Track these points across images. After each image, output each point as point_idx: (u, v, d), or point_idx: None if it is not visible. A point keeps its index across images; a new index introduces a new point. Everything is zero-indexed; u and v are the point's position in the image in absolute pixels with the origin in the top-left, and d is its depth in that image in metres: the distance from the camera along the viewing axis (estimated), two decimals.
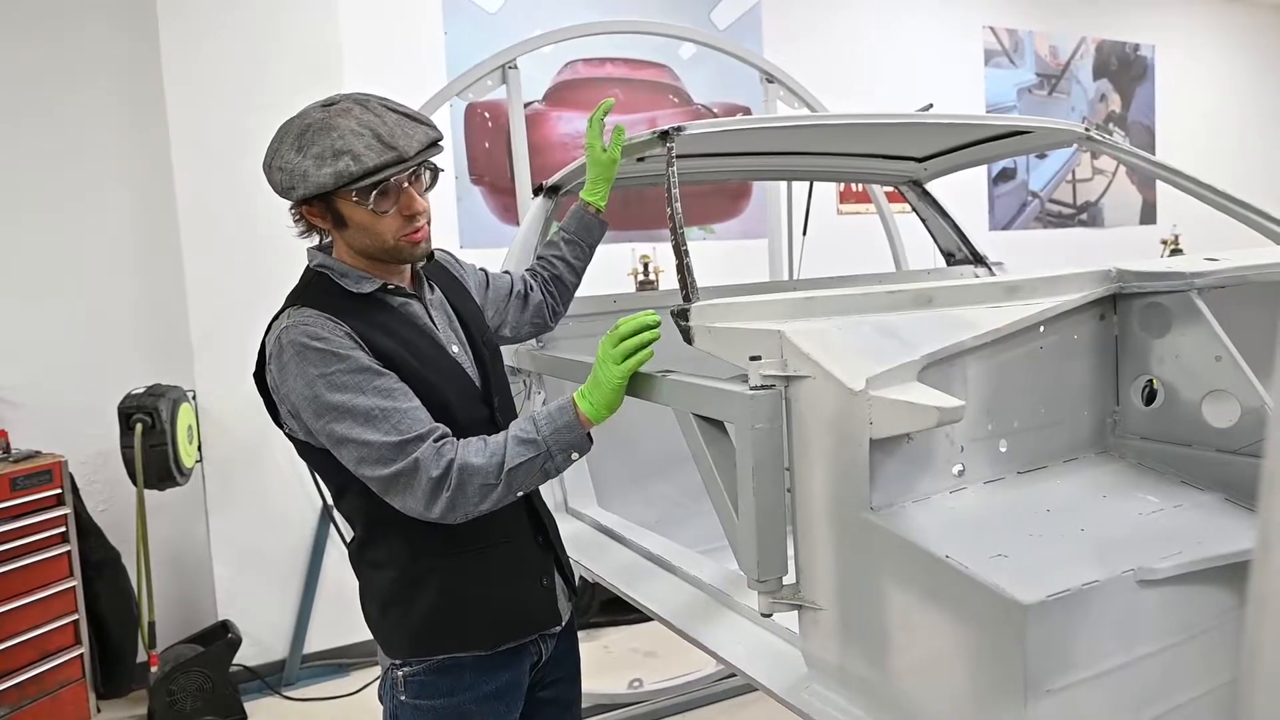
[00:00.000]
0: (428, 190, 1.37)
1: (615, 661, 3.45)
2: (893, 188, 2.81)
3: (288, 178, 1.27)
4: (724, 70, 4.36)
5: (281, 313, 1.34)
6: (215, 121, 3.21)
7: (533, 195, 2.33)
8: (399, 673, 1.41)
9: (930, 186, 2.71)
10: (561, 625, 1.53)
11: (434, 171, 1.37)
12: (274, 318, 1.35)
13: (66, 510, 2.92)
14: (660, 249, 4.18)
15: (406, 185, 1.32)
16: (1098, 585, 0.97)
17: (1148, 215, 6.45)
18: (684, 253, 1.47)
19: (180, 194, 3.21)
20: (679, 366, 1.38)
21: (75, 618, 2.94)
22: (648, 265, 4.17)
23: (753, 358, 1.18)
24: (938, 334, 1.17)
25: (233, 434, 3.29)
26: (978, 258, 2.71)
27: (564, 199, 2.26)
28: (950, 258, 2.77)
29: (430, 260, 1.50)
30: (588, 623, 3.68)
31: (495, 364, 1.52)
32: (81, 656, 2.95)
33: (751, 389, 1.17)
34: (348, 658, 3.49)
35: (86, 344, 3.33)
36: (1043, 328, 1.26)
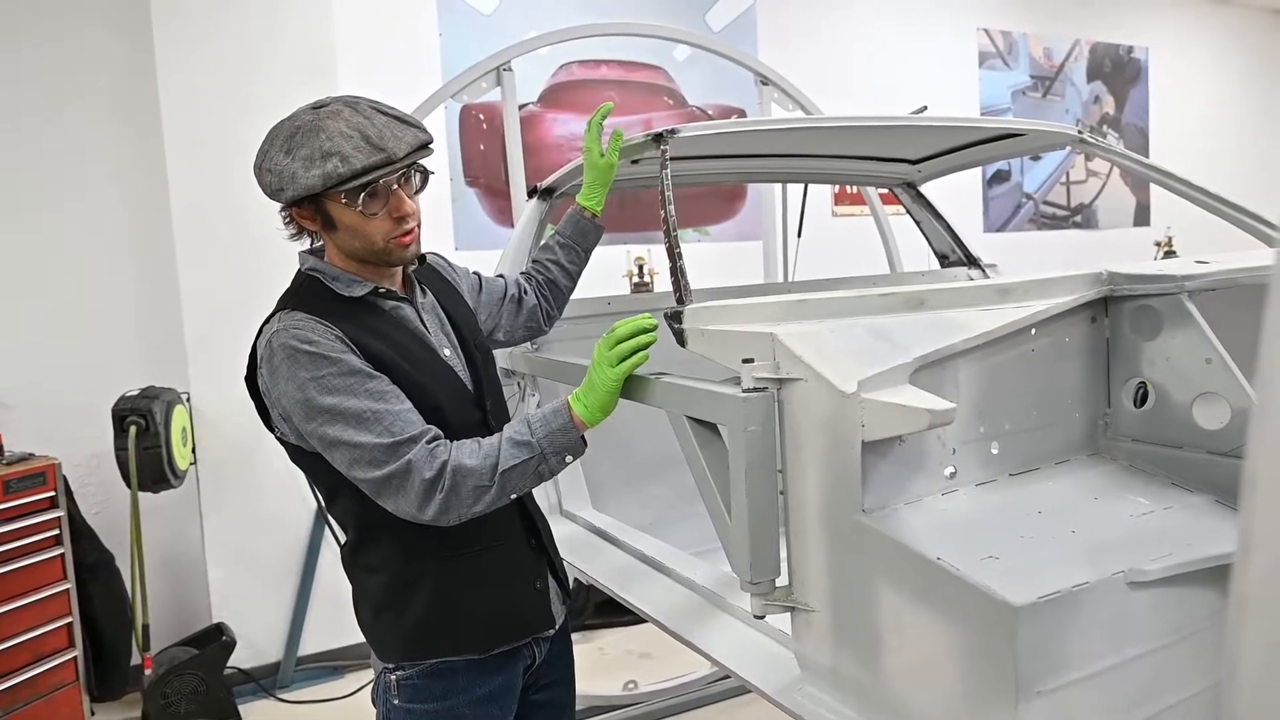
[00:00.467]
0: (418, 193, 1.37)
1: (610, 663, 3.45)
2: (887, 190, 2.81)
3: (277, 179, 1.27)
4: (719, 72, 4.36)
5: (272, 316, 1.34)
6: (209, 123, 3.21)
7: (527, 197, 2.33)
8: (392, 676, 1.41)
9: (925, 188, 2.72)
10: (555, 628, 1.53)
11: (424, 174, 1.37)
12: (265, 321, 1.35)
13: (60, 513, 2.91)
14: (655, 251, 4.18)
15: (396, 187, 1.32)
16: (1088, 587, 0.98)
17: (1142, 217, 6.48)
18: (677, 255, 1.48)
19: (174, 196, 3.21)
20: (672, 369, 1.38)
21: (69, 620, 2.93)
22: (642, 267, 4.18)
23: (745, 360, 1.18)
24: (929, 336, 1.17)
25: (227, 436, 3.29)
26: (971, 260, 2.72)
27: (559, 201, 2.27)
28: (944, 259, 2.78)
29: (422, 263, 1.51)
30: (583, 624, 3.68)
31: (488, 367, 1.52)
32: (75, 659, 2.94)
33: (744, 391, 1.17)
34: (342, 660, 3.48)
35: (81, 346, 3.33)
36: (1034, 330, 1.26)
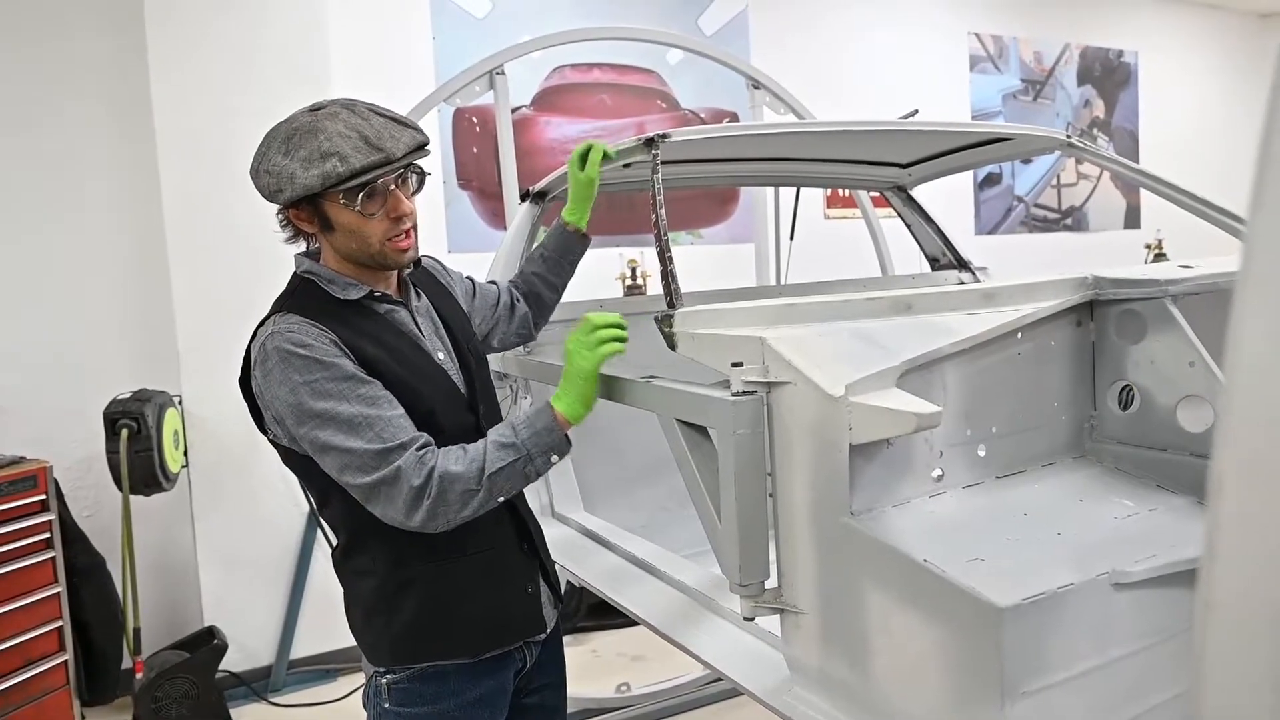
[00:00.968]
0: (414, 194, 1.38)
1: (603, 666, 3.45)
2: (878, 193, 2.83)
3: (275, 180, 1.28)
4: (712, 76, 4.37)
5: (267, 318, 1.34)
6: (202, 126, 3.20)
7: (520, 201, 2.34)
8: (383, 680, 1.41)
9: (917, 192, 2.73)
10: (546, 632, 1.54)
11: (420, 175, 1.38)
12: (260, 323, 1.35)
13: (51, 516, 2.90)
14: (648, 254, 4.19)
15: (393, 188, 1.32)
16: (1073, 588, 0.99)
17: (1132, 220, 6.51)
18: (668, 259, 1.49)
19: (167, 199, 3.21)
20: (663, 373, 1.39)
21: (60, 624, 2.92)
22: (635, 270, 4.19)
23: (735, 364, 1.19)
24: (917, 340, 1.19)
25: (219, 439, 3.28)
26: (962, 263, 2.73)
27: (551, 204, 2.27)
28: (935, 262, 2.79)
29: (417, 267, 1.51)
30: (575, 627, 3.68)
31: (481, 371, 1.53)
32: (66, 663, 2.93)
33: (733, 395, 1.18)
34: (334, 663, 3.48)
35: (72, 349, 3.32)
36: (1020, 334, 1.28)
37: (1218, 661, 0.38)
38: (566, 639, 1.65)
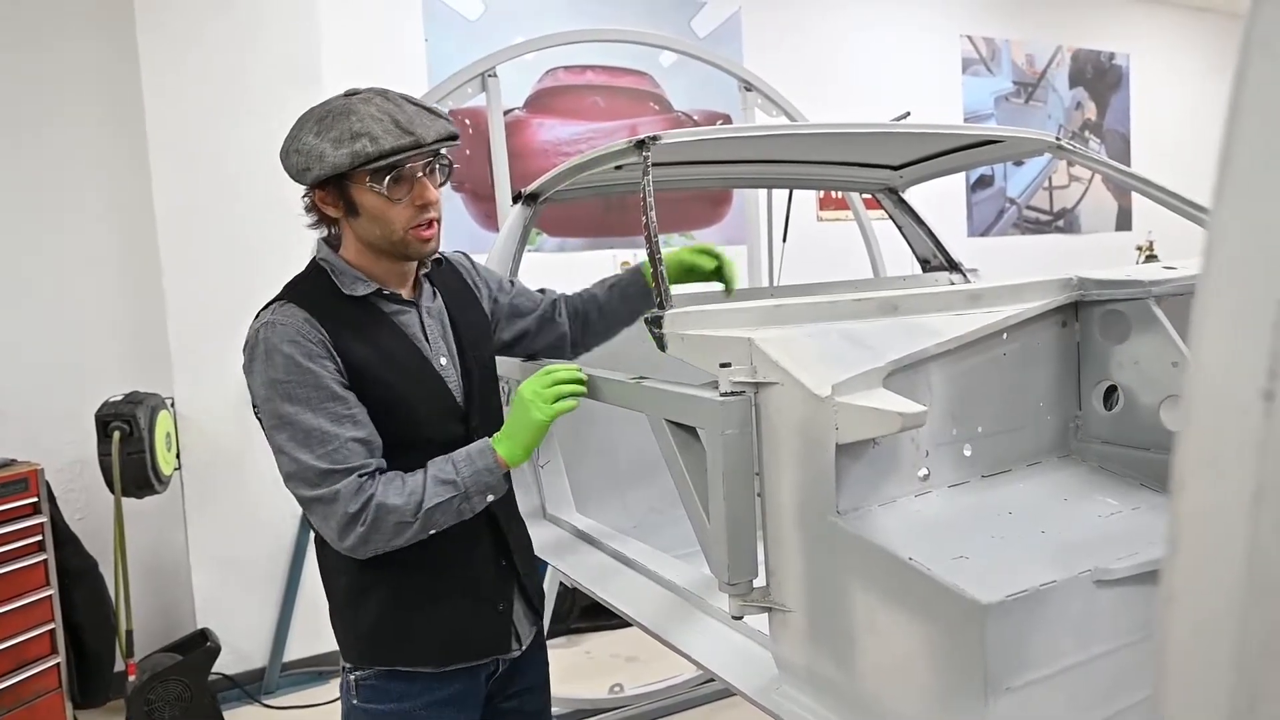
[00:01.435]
0: (440, 186, 1.38)
1: (596, 667, 3.45)
2: (870, 195, 2.84)
3: (304, 159, 1.28)
4: (704, 78, 4.39)
5: (274, 301, 1.35)
6: (194, 128, 3.20)
7: (512, 203, 2.35)
8: (351, 676, 1.43)
9: (910, 193, 2.75)
10: (514, 653, 1.52)
11: (448, 168, 1.38)
12: (266, 304, 1.36)
13: (43, 519, 2.90)
14: (641, 255, 4.19)
15: (420, 175, 1.33)
16: (1056, 585, 1.00)
17: (1123, 221, 6.55)
18: (658, 260, 1.49)
19: (159, 200, 3.20)
20: (653, 373, 1.40)
21: (52, 627, 2.91)
22: None
23: (723, 364, 1.20)
24: (903, 341, 1.19)
25: (211, 441, 3.28)
26: (953, 264, 2.74)
27: (543, 206, 2.28)
28: (926, 264, 2.80)
29: (438, 265, 1.51)
30: (569, 628, 3.68)
31: (484, 381, 1.51)
32: (58, 666, 2.93)
33: (722, 395, 1.19)
34: (328, 665, 3.47)
35: (64, 350, 3.31)
36: (1005, 335, 1.29)
37: (1179, 652, 0.38)
38: (560, 640, 1.66)
